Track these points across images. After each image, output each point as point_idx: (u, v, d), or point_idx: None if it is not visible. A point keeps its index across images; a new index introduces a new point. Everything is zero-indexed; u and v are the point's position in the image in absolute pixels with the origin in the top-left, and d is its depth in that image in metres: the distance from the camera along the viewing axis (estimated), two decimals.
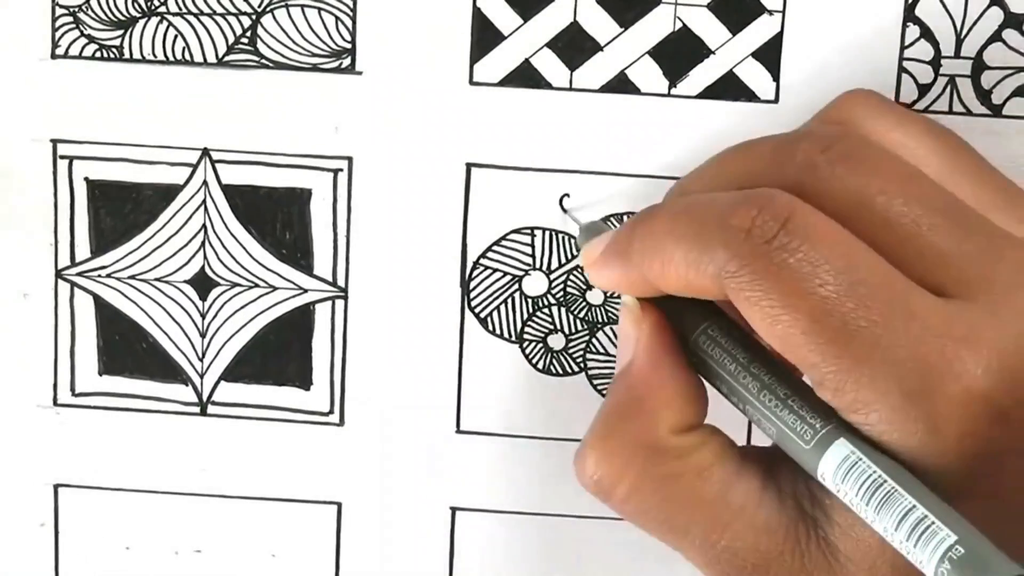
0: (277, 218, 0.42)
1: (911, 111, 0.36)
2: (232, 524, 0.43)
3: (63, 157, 0.41)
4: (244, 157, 0.41)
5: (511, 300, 0.42)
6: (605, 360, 0.42)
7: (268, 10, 0.40)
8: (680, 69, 0.40)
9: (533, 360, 0.42)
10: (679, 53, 0.40)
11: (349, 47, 0.41)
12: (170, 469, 0.43)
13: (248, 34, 0.41)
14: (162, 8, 0.40)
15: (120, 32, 0.41)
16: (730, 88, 0.40)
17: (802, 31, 0.40)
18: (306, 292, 0.42)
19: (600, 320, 0.42)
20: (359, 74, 0.41)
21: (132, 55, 0.41)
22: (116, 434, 0.43)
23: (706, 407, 0.35)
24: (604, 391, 0.42)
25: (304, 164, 0.41)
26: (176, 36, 0.41)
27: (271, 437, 0.43)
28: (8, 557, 0.44)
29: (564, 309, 0.42)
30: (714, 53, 0.40)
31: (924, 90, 0.40)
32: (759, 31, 0.40)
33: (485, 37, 0.40)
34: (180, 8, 0.40)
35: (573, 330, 0.42)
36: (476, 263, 0.42)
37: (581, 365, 0.42)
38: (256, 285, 0.42)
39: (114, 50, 0.41)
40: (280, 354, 0.42)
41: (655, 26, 0.40)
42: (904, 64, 0.40)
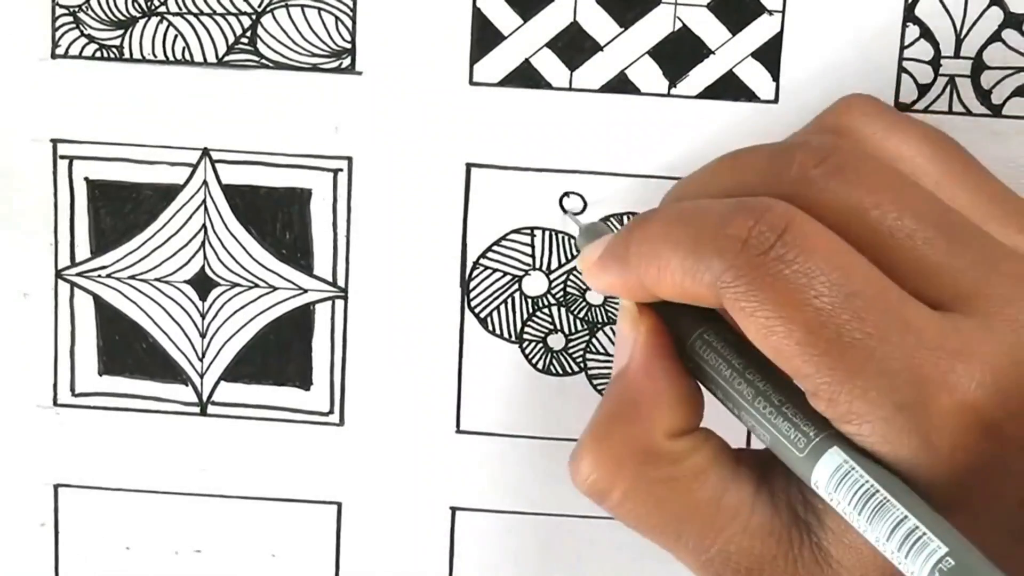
0: (277, 218, 0.42)
1: (909, 116, 0.36)
2: (232, 524, 0.43)
3: (63, 157, 0.41)
4: (244, 157, 0.41)
5: (511, 300, 0.42)
6: (605, 360, 0.42)
7: (268, 10, 0.40)
8: (680, 69, 0.40)
9: (533, 360, 0.42)
10: (679, 53, 0.40)
11: (349, 47, 0.41)
12: (170, 469, 0.43)
13: (248, 34, 0.41)
14: (162, 8, 0.40)
15: (120, 32, 0.41)
16: (730, 88, 0.40)
17: (802, 31, 0.40)
18: (306, 292, 0.42)
19: (600, 320, 0.42)
20: (359, 74, 0.41)
21: (132, 55, 0.41)
22: (116, 434, 0.43)
23: (702, 411, 0.35)
24: (604, 391, 0.42)
25: (304, 164, 0.41)
26: (176, 36, 0.41)
27: (271, 437, 0.43)
28: (8, 557, 0.44)
29: (564, 309, 0.42)
30: (714, 53, 0.40)
31: (924, 90, 0.40)
32: (759, 31, 0.40)
33: (485, 37, 0.40)
34: (180, 8, 0.40)
35: (573, 330, 0.42)
36: (476, 263, 0.42)
37: (581, 365, 0.42)
38: (256, 285, 0.42)
39: (114, 50, 0.41)
40: (280, 354, 0.42)
41: (655, 26, 0.40)
42: (904, 64, 0.40)
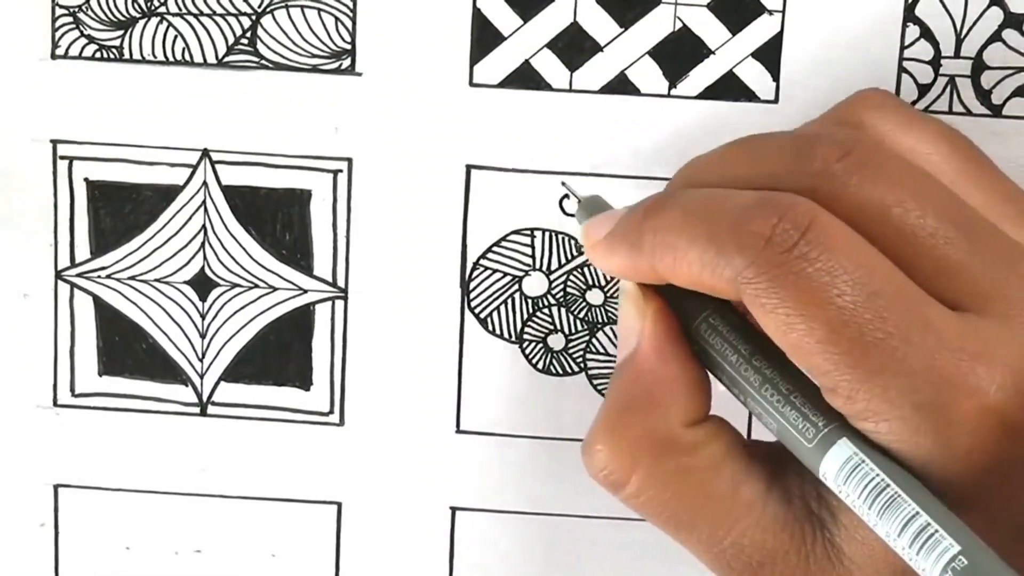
0: (277, 219, 0.42)
1: (924, 113, 0.36)
2: (232, 524, 0.43)
3: (63, 157, 0.41)
4: (244, 158, 0.41)
5: (511, 300, 0.42)
6: (605, 360, 0.42)
7: (268, 10, 0.40)
8: (680, 69, 0.40)
9: (533, 360, 0.42)
10: (679, 53, 0.40)
11: (349, 48, 0.41)
12: (170, 469, 0.43)
13: (248, 34, 0.41)
14: (162, 8, 0.40)
15: (120, 32, 0.41)
16: (730, 88, 0.40)
17: (802, 31, 0.40)
18: (306, 292, 0.42)
19: (600, 320, 0.42)
20: (359, 75, 0.41)
21: (132, 55, 0.41)
22: (116, 434, 0.43)
23: (710, 397, 0.34)
24: (604, 391, 0.42)
25: (304, 165, 0.41)
26: (176, 36, 0.41)
27: (271, 437, 0.43)
28: (8, 557, 0.44)
29: (564, 309, 0.42)
30: (714, 53, 0.40)
31: (924, 90, 0.40)
32: (759, 31, 0.40)
33: (485, 38, 0.40)
34: (180, 8, 0.40)
35: (573, 330, 0.42)
36: (476, 263, 0.42)
37: (581, 365, 0.42)
38: (256, 286, 0.42)
39: (114, 50, 0.41)
40: (280, 354, 0.42)
41: (655, 26, 0.40)
42: (904, 64, 0.40)
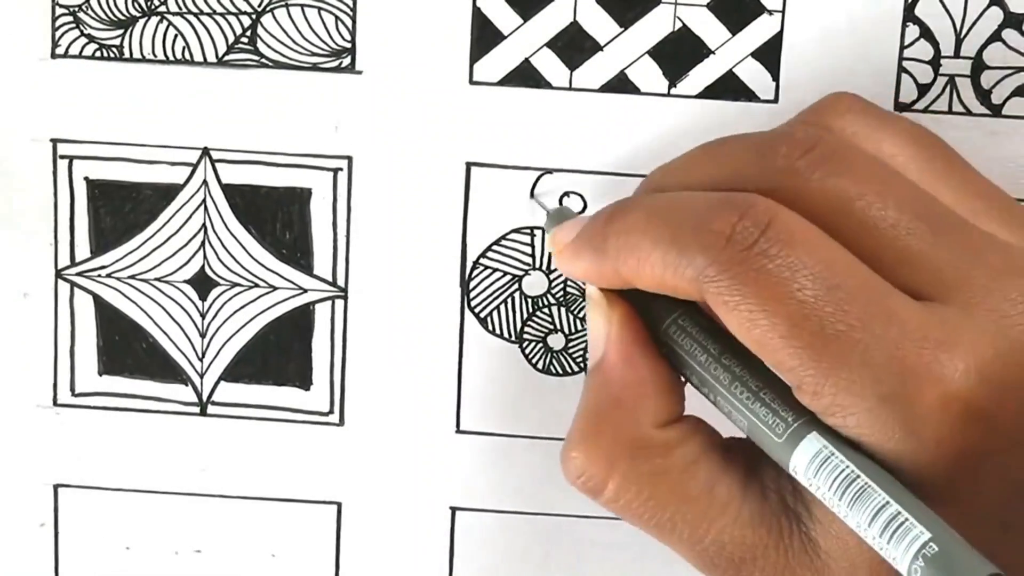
0: (277, 218, 0.42)
1: (893, 114, 0.36)
2: (232, 524, 0.43)
3: (63, 157, 0.41)
4: (244, 157, 0.41)
5: (511, 300, 0.42)
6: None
7: (268, 10, 0.40)
8: (680, 69, 0.40)
9: (533, 360, 0.42)
10: (679, 53, 0.40)
11: (349, 47, 0.41)
12: (170, 469, 0.43)
13: (248, 34, 0.41)
14: (162, 8, 0.40)
15: (120, 32, 0.41)
16: (730, 88, 0.40)
17: (802, 31, 0.40)
18: (306, 292, 0.42)
19: None
20: (359, 74, 0.41)
21: (132, 55, 0.41)
22: (116, 434, 0.43)
23: (683, 397, 0.34)
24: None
25: (304, 164, 0.41)
26: (176, 36, 0.41)
27: (271, 437, 0.43)
28: (8, 557, 0.44)
29: (564, 309, 0.42)
30: (714, 53, 0.40)
31: (924, 90, 0.40)
32: (759, 31, 0.40)
33: (485, 37, 0.40)
34: (180, 8, 0.40)
35: (573, 330, 0.42)
36: (476, 263, 0.42)
37: (581, 365, 0.42)
38: (256, 285, 0.42)
39: (114, 50, 0.41)
40: (280, 354, 0.42)
41: (655, 26, 0.40)
42: (904, 64, 0.40)
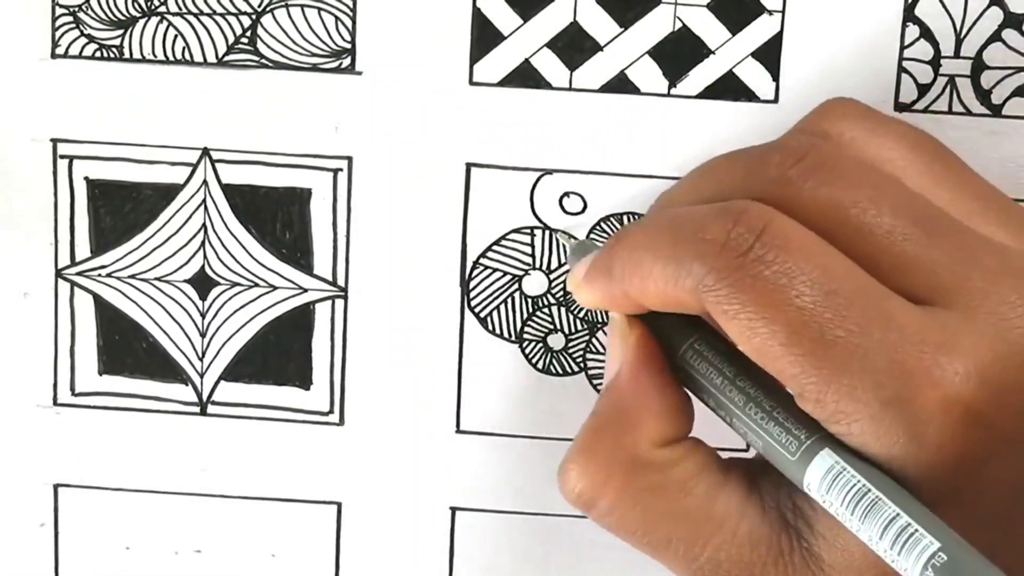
0: (277, 218, 0.42)
1: (890, 118, 0.36)
2: (232, 524, 0.43)
3: (63, 157, 0.41)
4: (244, 157, 0.41)
5: (511, 300, 0.42)
6: (605, 360, 0.42)
7: (268, 10, 0.40)
8: (680, 69, 0.40)
9: (533, 360, 0.42)
10: (679, 53, 0.40)
11: (349, 47, 0.41)
12: (170, 469, 0.43)
13: (248, 34, 0.41)
14: (162, 8, 0.40)
15: (120, 32, 0.41)
16: (730, 88, 0.40)
17: (802, 31, 0.40)
18: (306, 292, 0.42)
19: (600, 320, 0.42)
20: (359, 74, 0.41)
21: (132, 55, 0.41)
22: (116, 434, 0.43)
23: (691, 421, 0.35)
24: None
25: (304, 164, 0.41)
26: (176, 36, 0.41)
27: (271, 437, 0.43)
28: (8, 557, 0.44)
29: (564, 309, 0.42)
30: (714, 53, 0.40)
31: (924, 90, 0.40)
32: (759, 31, 0.40)
33: (485, 37, 0.40)
34: (180, 8, 0.40)
35: (573, 330, 0.42)
36: (476, 263, 0.42)
37: (581, 365, 0.42)
38: (256, 285, 0.42)
39: (114, 50, 0.41)
40: (280, 354, 0.42)
41: (655, 26, 0.40)
42: (904, 64, 0.40)
